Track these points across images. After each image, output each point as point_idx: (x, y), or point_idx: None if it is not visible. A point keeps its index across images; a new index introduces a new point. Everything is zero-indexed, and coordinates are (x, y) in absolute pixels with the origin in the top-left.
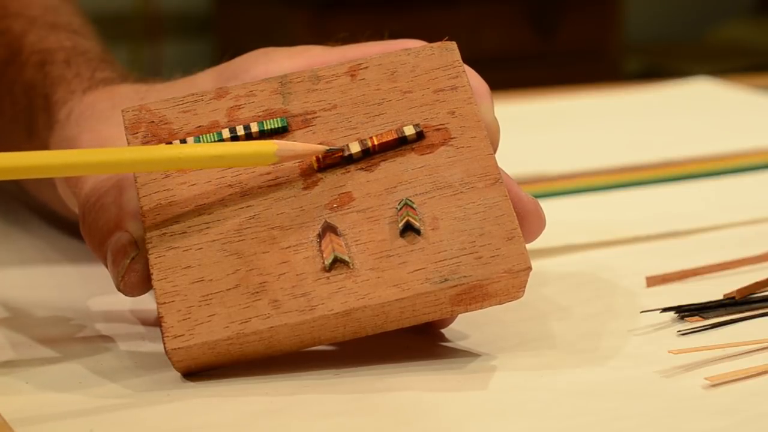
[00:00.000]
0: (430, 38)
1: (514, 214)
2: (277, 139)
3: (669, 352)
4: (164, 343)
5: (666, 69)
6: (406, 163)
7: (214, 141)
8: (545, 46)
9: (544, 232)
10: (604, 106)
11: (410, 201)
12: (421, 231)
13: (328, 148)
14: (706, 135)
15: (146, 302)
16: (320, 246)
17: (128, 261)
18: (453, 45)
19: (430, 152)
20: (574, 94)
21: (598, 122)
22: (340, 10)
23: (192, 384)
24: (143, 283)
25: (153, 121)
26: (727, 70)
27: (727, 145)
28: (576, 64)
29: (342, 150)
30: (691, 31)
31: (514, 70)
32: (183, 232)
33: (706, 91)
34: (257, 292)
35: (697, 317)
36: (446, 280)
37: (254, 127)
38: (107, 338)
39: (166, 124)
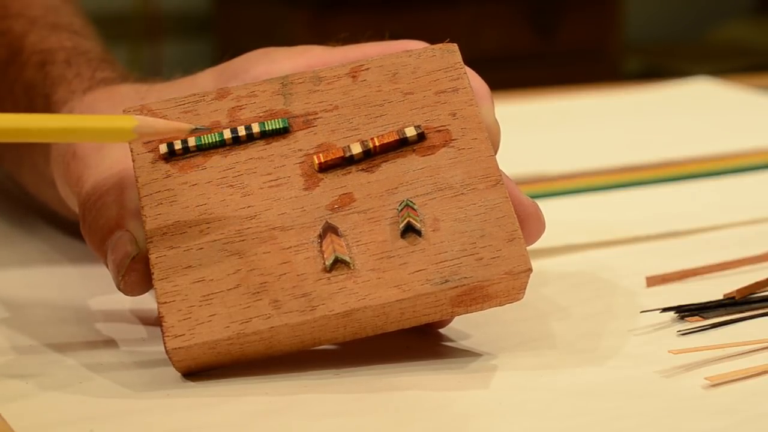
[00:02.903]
0: (430, 38)
1: (515, 215)
2: (277, 140)
3: (669, 352)
4: (165, 343)
5: (666, 69)
6: (407, 165)
7: (215, 141)
8: (545, 46)
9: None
10: (604, 106)
11: (411, 202)
12: (422, 232)
13: (193, 127)
14: (706, 135)
15: (147, 302)
16: (321, 246)
17: (129, 260)
18: (454, 47)
19: (431, 153)
20: (574, 94)
21: (598, 122)
22: (340, 10)
23: (192, 384)
24: (144, 283)
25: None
26: (727, 70)
27: (727, 145)
28: (576, 64)
29: (342, 149)
30: (691, 31)
31: (514, 70)
32: (184, 232)
33: (706, 91)
34: (258, 293)
35: (697, 317)
36: (447, 281)
37: (256, 128)
38: (107, 338)
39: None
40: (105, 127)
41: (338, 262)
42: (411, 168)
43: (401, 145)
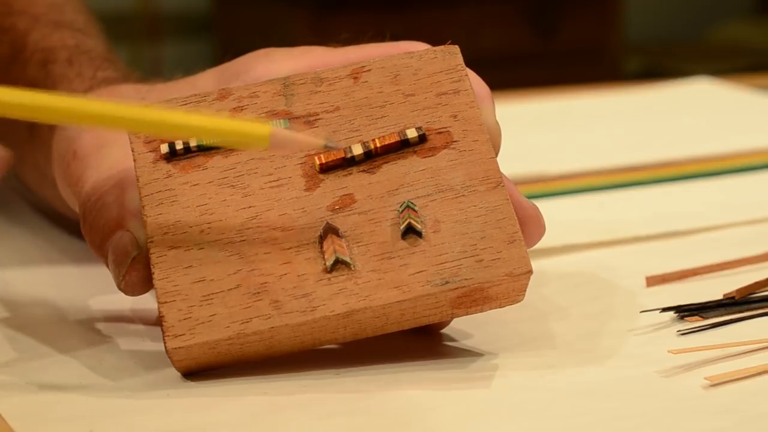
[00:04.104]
0: (431, 38)
1: (516, 217)
2: None
3: (669, 352)
4: (165, 343)
5: (666, 69)
6: (408, 166)
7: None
8: (545, 46)
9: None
10: (604, 106)
11: (412, 203)
12: (423, 233)
13: (326, 142)
14: (706, 135)
15: (147, 302)
16: (322, 247)
17: (129, 260)
18: (456, 49)
19: (432, 155)
20: (574, 94)
21: (598, 122)
22: (341, 10)
23: (192, 384)
24: (144, 283)
25: None
26: (727, 70)
27: (727, 145)
28: (576, 64)
29: (343, 150)
30: (691, 31)
31: (514, 70)
32: (184, 232)
33: (706, 91)
34: (258, 293)
35: (696, 317)
36: (447, 282)
37: None
38: (108, 338)
39: None
40: (240, 131)
41: (339, 263)
42: (412, 169)
43: (402, 146)
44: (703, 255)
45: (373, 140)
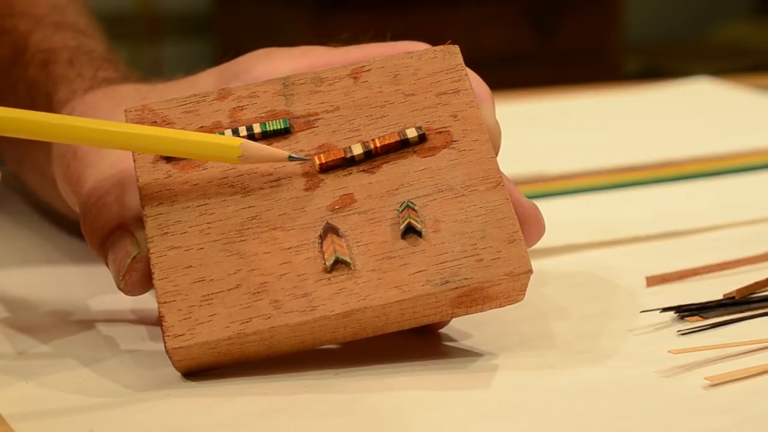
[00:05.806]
0: (431, 38)
1: (516, 217)
2: (278, 141)
3: (669, 352)
4: (165, 343)
5: (666, 69)
6: (408, 166)
7: None
8: (545, 46)
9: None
10: (604, 106)
11: (412, 203)
12: (423, 233)
13: (290, 154)
14: (706, 135)
15: (147, 302)
16: (322, 247)
17: (129, 260)
18: (455, 48)
19: (432, 155)
20: (574, 94)
21: (598, 122)
22: (341, 10)
23: (192, 384)
24: (144, 283)
25: (155, 121)
26: (727, 70)
27: (727, 145)
28: (576, 64)
29: (343, 150)
30: (691, 31)
31: (514, 70)
32: (184, 232)
33: (706, 91)
34: (258, 293)
35: (697, 317)
36: (447, 282)
37: (257, 128)
38: (108, 338)
39: (168, 124)
40: (212, 143)
41: (339, 263)
42: (412, 169)
43: (402, 146)
44: (703, 255)
45: (373, 140)
